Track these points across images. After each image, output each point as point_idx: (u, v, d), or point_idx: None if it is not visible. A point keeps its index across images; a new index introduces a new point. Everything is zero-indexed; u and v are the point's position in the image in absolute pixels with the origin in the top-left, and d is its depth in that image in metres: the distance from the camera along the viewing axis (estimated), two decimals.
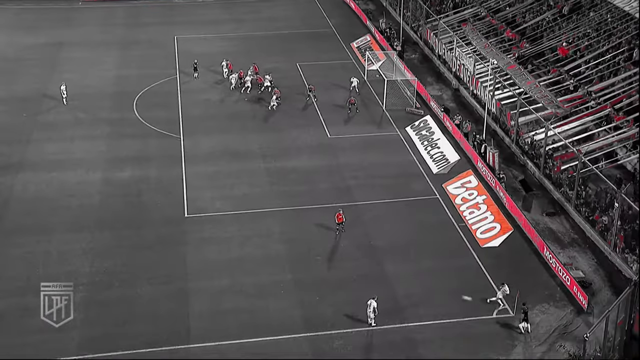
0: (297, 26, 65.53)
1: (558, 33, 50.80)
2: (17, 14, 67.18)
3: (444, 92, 53.13)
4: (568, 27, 50.80)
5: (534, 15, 54.73)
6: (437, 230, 36.73)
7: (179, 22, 66.11)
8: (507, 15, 56.64)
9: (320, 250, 34.81)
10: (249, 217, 37.24)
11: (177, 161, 42.13)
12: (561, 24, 51.90)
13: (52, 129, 45.54)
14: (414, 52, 60.42)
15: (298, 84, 52.95)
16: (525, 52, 50.70)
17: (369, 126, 47.33)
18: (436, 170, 42.04)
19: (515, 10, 56.74)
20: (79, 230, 35.73)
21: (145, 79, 52.70)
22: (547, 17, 53.47)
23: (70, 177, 40.15)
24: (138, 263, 33.53)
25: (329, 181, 40.69)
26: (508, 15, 56.59)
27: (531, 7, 55.88)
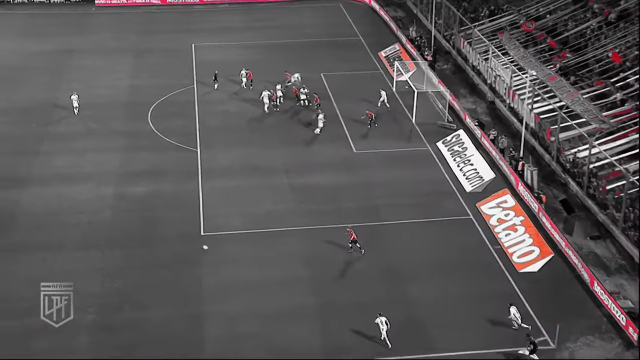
0: (321, 34, 66.05)
1: (604, 42, 50.56)
2: (26, 20, 68.60)
3: (478, 105, 53.06)
4: (615, 36, 50.55)
5: (578, 23, 54.55)
6: (469, 252, 36.56)
7: (197, 29, 67.02)
8: (547, 23, 56.56)
9: (345, 273, 34.77)
10: (269, 236, 37.40)
11: (193, 176, 42.52)
12: (607, 32, 51.66)
13: (62, 140, 46.28)
14: (447, 62, 60.50)
15: (323, 95, 53.15)
16: (567, 62, 50.53)
17: (397, 141, 47.39)
18: (469, 189, 41.92)
19: (556, 17, 56.64)
20: (88, 248, 36.16)
21: (160, 89, 53.43)
22: (592, 25, 53.29)
23: (80, 191, 40.69)
24: (151, 284, 33.78)
25: (354, 199, 40.77)
26: (548, 23, 56.51)
27: (574, 14, 55.73)
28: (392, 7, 73.31)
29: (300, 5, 74.26)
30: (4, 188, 40.53)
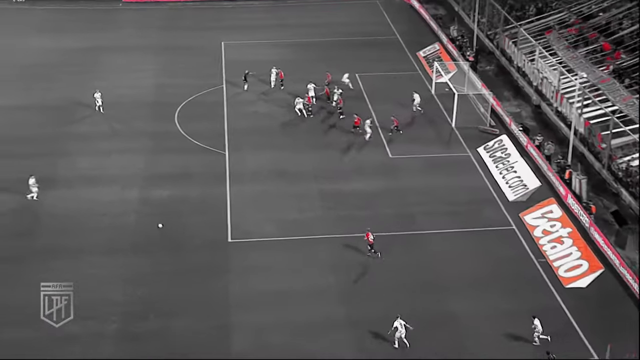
0: (357, 33, 66.27)
1: None
2: (50, 15, 69.97)
3: (523, 109, 52.76)
4: None
5: (634, 22, 53.87)
6: (512, 265, 36.38)
7: (227, 26, 67.74)
8: (599, 22, 56.00)
9: (379, 283, 34.87)
10: (299, 244, 37.67)
11: (221, 180, 42.99)
12: None
13: (86, 141, 47.14)
14: (489, 63, 60.28)
15: (358, 97, 53.43)
16: (621, 64, 49.95)
17: (435, 146, 47.37)
18: (512, 198, 41.69)
19: (610, 16, 56.05)
20: (112, 253, 36.78)
21: (188, 89, 54.13)
22: None
23: (104, 194, 41.40)
24: (176, 292, 34.23)
25: (389, 206, 40.84)
26: (601, 22, 55.95)
27: (629, 12, 55.08)
28: (432, 4, 73.28)
29: (336, 2, 74.63)
30: (26, 191, 41.25)
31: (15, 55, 59.80)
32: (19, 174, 42.69)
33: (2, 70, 56.99)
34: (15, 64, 58.18)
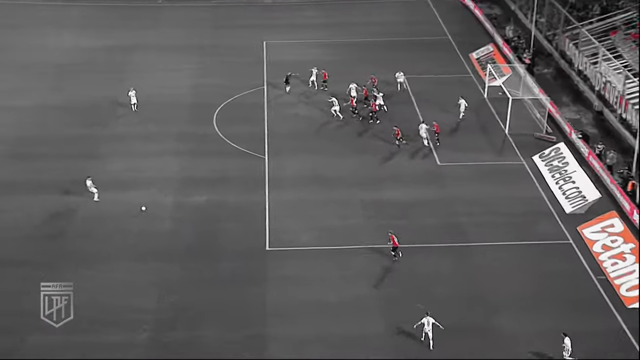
0: (406, 32, 66.34)
1: None
2: (88, 12, 71.54)
3: (583, 115, 52.15)
4: None
5: None
6: (568, 282, 35.99)
7: (269, 25, 68.44)
8: None
9: (423, 297, 34.77)
10: (339, 253, 37.83)
11: (259, 185, 43.43)
12: None
13: (121, 143, 48.06)
14: (548, 65, 59.75)
15: (404, 101, 53.43)
16: None
17: (487, 153, 47.13)
18: (570, 210, 41.25)
19: None
20: (145, 259, 37.40)
21: (227, 90, 54.81)
22: None
23: (138, 198, 42.06)
24: (210, 301, 34.63)
25: (436, 216, 40.77)
26: None
27: None
28: (487, 3, 73.00)
29: (384, 1, 74.77)
30: (60, 193, 42.35)
31: (50, 53, 61.29)
32: (52, 176, 43.97)
33: (36, 69, 58.41)
34: (50, 62, 59.60)
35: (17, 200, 41.81)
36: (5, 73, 57.79)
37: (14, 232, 39.13)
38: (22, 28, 66.88)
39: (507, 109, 49.21)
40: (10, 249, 37.90)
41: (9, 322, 32.95)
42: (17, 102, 52.89)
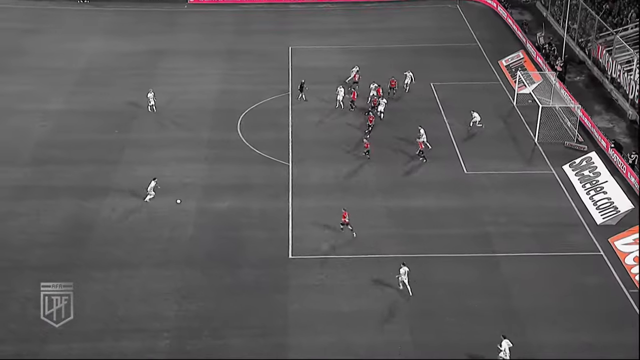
0: (434, 38, 66.40)
1: None
2: (115, 17, 72.58)
3: (616, 124, 51.80)
4: None
5: None
6: (599, 295, 35.78)
7: (295, 30, 68.86)
8: None
9: (450, 309, 34.77)
10: (364, 262, 37.90)
11: (283, 192, 43.66)
12: None
13: (145, 148, 48.57)
14: (580, 73, 59.43)
15: (432, 108, 53.45)
16: None
17: (516, 162, 46.98)
18: (601, 221, 40.98)
19: None
20: (167, 266, 37.75)
21: (252, 95, 55.20)
22: None
23: (161, 204, 42.51)
24: (232, 309, 34.88)
25: (463, 226, 40.72)
26: None
27: None
28: (517, 9, 72.78)
29: (413, 6, 75.00)
30: (82, 198, 42.91)
31: (76, 59, 62.06)
32: (73, 182, 44.58)
33: (63, 74, 59.15)
34: (76, 68, 60.35)
35: (36, 204, 42.33)
36: (30, 77, 58.60)
37: (33, 237, 39.64)
38: (48, 33, 67.93)
39: (536, 117, 49.02)
40: (28, 253, 38.39)
41: (26, 329, 33.42)
42: (41, 106, 53.66)
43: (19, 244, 39.11)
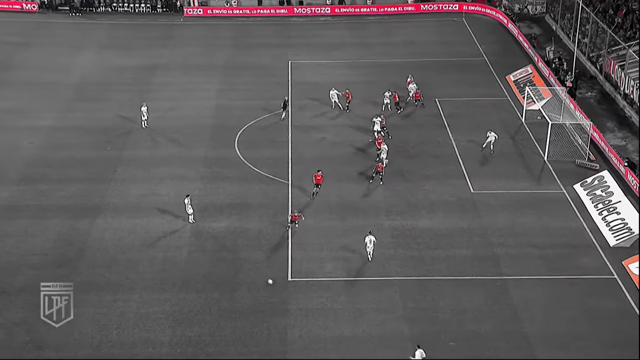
0: (438, 53, 66.67)
1: None
2: (109, 31, 73.05)
3: (629, 142, 51.84)
4: None
5: None
6: (613, 321, 35.63)
7: (295, 44, 69.18)
8: None
9: (455, 334, 34.61)
10: (366, 285, 37.80)
11: (283, 212, 43.57)
12: None
13: (139, 166, 48.61)
14: (591, 89, 59.57)
15: (438, 124, 53.55)
16: None
17: (524, 181, 46.98)
18: (614, 243, 40.90)
19: None
20: (161, 289, 37.62)
21: (250, 111, 55.33)
22: None
23: (155, 225, 42.50)
24: (229, 334, 34.70)
25: (469, 247, 40.67)
26: None
27: None
28: (525, 22, 73.16)
29: (417, 19, 75.36)
30: (73, 218, 42.87)
31: (68, 73, 62.38)
32: (64, 200, 44.56)
33: (54, 89, 59.43)
34: (69, 83, 60.64)
35: (25, 225, 42.33)
36: (20, 92, 58.88)
37: (22, 258, 39.55)
38: (40, 47, 68.33)
39: (546, 134, 49.04)
40: (16, 276, 38.24)
41: (13, 355, 33.27)
42: (32, 123, 53.82)
43: (6, 266, 39.02)
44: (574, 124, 51.32)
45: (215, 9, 77.12)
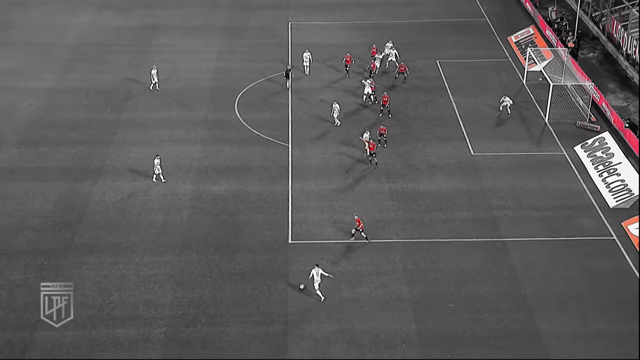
0: (440, 13, 66.26)
1: None
2: None
3: (630, 103, 51.77)
4: None
5: None
6: (611, 281, 35.90)
7: (295, 5, 68.72)
8: None
9: (455, 296, 34.99)
10: (366, 248, 38.07)
11: (283, 175, 43.77)
12: None
13: (139, 128, 48.63)
14: (593, 49, 59.33)
15: (438, 86, 53.48)
16: None
17: (525, 142, 47.05)
18: (614, 204, 41.10)
19: None
20: (162, 252, 37.93)
21: (250, 74, 55.22)
22: None
23: (155, 187, 42.66)
24: (230, 296, 35.08)
25: (469, 209, 40.87)
26: None
27: None
28: None
29: None
30: (74, 181, 43.09)
31: (66, 34, 62.18)
32: (63, 163, 44.73)
33: (52, 50, 59.27)
34: (66, 43, 60.49)
35: (25, 187, 42.54)
36: (17, 52, 58.78)
37: (23, 221, 39.82)
38: (38, 6, 67.87)
39: (547, 96, 48.99)
40: (17, 238, 38.57)
41: (16, 316, 33.79)
42: (30, 84, 53.75)
43: (8, 228, 39.30)
44: (575, 85, 51.24)
45: None
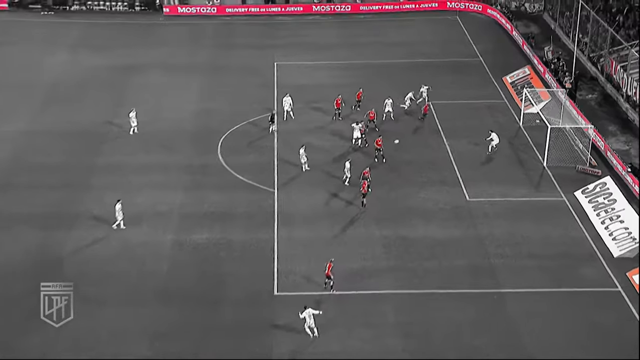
0: (432, 53, 66.82)
1: None
2: (85, 30, 72.89)
3: (632, 146, 51.95)
4: None
5: None
6: (617, 335, 35.63)
7: (281, 44, 69.26)
8: None
9: (451, 350, 34.53)
10: (356, 299, 37.66)
11: (268, 222, 43.50)
12: None
13: (116, 173, 48.32)
14: (592, 90, 59.72)
15: (431, 128, 53.55)
16: None
17: (523, 187, 47.01)
18: (618, 253, 40.98)
19: None
20: (139, 304, 37.39)
21: (234, 115, 55.25)
22: None
23: (133, 236, 42.25)
24: (211, 351, 34.49)
25: (465, 258, 40.64)
26: None
27: None
28: (523, 20, 73.34)
29: (410, 18, 75.58)
30: (48, 228, 42.64)
31: (42, 73, 62.31)
32: (38, 209, 44.28)
33: (27, 90, 59.23)
34: (42, 83, 60.52)
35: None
36: None
37: None
38: (11, 46, 68.11)
39: (545, 139, 49.11)
40: None
41: None
42: (3, 127, 53.47)
43: None
44: (574, 128, 51.42)
45: (197, 7, 76.86)
